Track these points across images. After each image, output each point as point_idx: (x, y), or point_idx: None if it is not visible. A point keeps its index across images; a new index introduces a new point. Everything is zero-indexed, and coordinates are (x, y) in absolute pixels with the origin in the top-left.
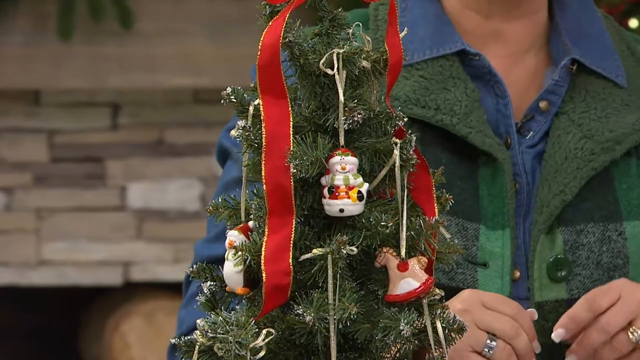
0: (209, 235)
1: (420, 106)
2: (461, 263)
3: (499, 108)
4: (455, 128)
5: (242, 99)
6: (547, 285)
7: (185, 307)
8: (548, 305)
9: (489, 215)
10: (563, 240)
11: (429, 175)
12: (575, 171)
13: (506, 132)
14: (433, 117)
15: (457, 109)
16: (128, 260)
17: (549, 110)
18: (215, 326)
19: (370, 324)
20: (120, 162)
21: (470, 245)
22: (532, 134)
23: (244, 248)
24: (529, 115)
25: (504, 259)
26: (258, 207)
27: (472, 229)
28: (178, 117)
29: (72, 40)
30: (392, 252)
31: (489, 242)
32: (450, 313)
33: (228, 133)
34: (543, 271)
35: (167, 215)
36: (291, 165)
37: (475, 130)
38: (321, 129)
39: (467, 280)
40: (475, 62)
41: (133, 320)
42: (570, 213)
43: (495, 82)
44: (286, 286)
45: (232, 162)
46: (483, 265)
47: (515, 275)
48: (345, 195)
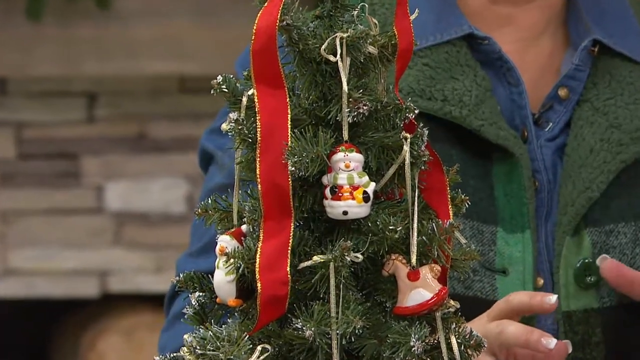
0: (191, 248)
1: (426, 98)
2: (478, 270)
3: (512, 98)
4: (466, 121)
5: (235, 88)
6: (575, 293)
7: (167, 330)
8: (576, 316)
9: (506, 216)
10: (591, 242)
11: (442, 174)
12: (602, 165)
13: (522, 124)
14: (440, 110)
15: (466, 99)
16: (105, 269)
17: (569, 98)
18: (204, 342)
19: (377, 339)
20: (96, 158)
21: (487, 251)
22: (552, 125)
23: (236, 255)
24: (547, 104)
25: (525, 265)
26: (252, 209)
27: (488, 233)
28: (162, 108)
29: (42, 22)
30: (401, 260)
31: (508, 246)
32: (466, 327)
33: (211, 135)
34: (570, 277)
35: (150, 219)
36: (289, 162)
37: (488, 122)
38: (322, 122)
39: (486, 289)
40: (485, 47)
41: (111, 337)
42: (598, 212)
43: (507, 69)
44: (283, 297)
45: (216, 167)
46: (502, 272)
47: (538, 283)
48: (349, 196)
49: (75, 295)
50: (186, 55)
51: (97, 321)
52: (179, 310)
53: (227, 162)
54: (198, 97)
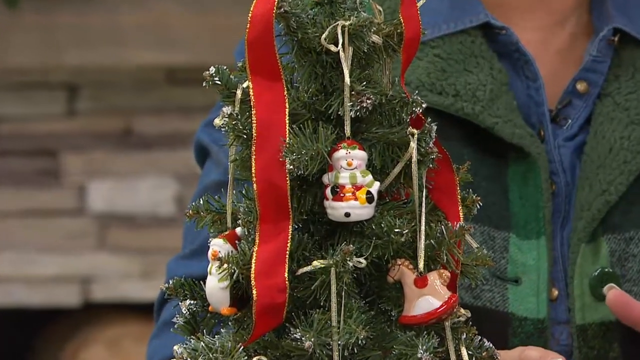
0: (184, 250)
1: (436, 92)
2: (488, 279)
3: (529, 93)
4: (479, 118)
5: (228, 81)
6: (591, 305)
7: (156, 337)
8: (592, 329)
9: (520, 222)
10: (609, 250)
11: (452, 173)
12: (621, 165)
13: (539, 122)
14: (452, 106)
15: (480, 94)
16: (88, 275)
17: (589, 92)
18: (195, 353)
19: (382, 350)
20: (78, 156)
21: (498, 258)
22: (570, 122)
23: (230, 260)
24: (565, 100)
25: (539, 274)
26: (247, 210)
27: (500, 239)
28: (149, 102)
29: (19, 8)
30: (408, 265)
31: (521, 253)
32: (477, 338)
33: (207, 128)
34: (585, 288)
35: (136, 221)
36: (287, 160)
37: (503, 119)
38: (323, 117)
39: (496, 299)
40: (502, 38)
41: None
42: (616, 217)
43: (525, 62)
44: (281, 305)
45: (212, 163)
46: (514, 281)
47: (553, 294)
48: (351, 197)
49: (55, 304)
50: (175, 44)
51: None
52: (169, 316)
53: (223, 159)
54: (188, 90)
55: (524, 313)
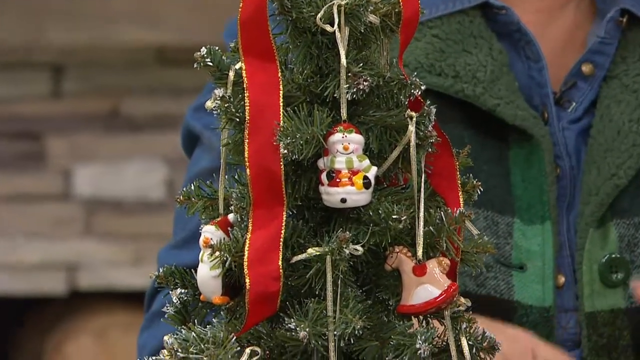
0: (174, 239)
1: (435, 73)
2: (492, 266)
3: (531, 74)
4: (480, 99)
5: (221, 62)
6: (600, 292)
7: (147, 328)
8: (602, 317)
9: (523, 206)
10: (618, 235)
11: (451, 157)
12: (630, 149)
13: (542, 104)
14: (451, 87)
15: (480, 75)
16: (74, 262)
17: (594, 75)
18: (186, 344)
19: (379, 341)
20: (63, 138)
21: (502, 244)
22: (575, 105)
23: (222, 247)
24: (569, 82)
25: (544, 260)
26: (240, 196)
27: (503, 224)
28: (138, 82)
29: None
30: (406, 252)
31: (526, 239)
32: (478, 328)
33: (197, 113)
34: (594, 274)
35: (124, 206)
36: (281, 144)
37: (505, 101)
38: (318, 99)
39: (501, 287)
40: (502, 18)
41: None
42: (625, 201)
43: (526, 42)
44: (275, 294)
45: (202, 149)
46: (519, 267)
47: (560, 281)
48: (348, 182)
49: (39, 292)
50: (166, 22)
51: (64, 321)
52: (160, 306)
53: (216, 144)
54: (178, 70)
55: (529, 301)
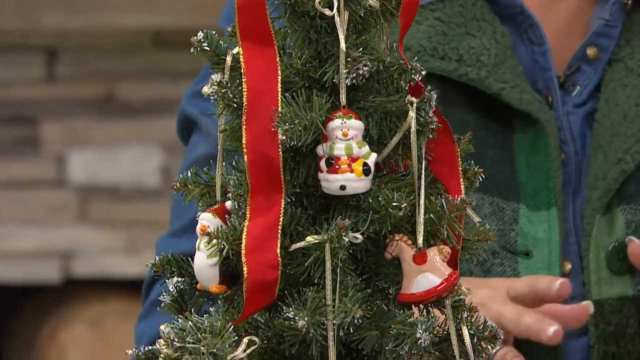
0: (172, 227)
1: (439, 57)
2: (498, 252)
3: (535, 58)
4: (484, 83)
5: (218, 46)
6: (607, 279)
7: (144, 318)
8: (609, 304)
9: (529, 192)
10: (625, 221)
11: (453, 143)
12: (637, 133)
13: (546, 88)
14: (456, 71)
15: (485, 59)
16: (68, 250)
17: (599, 58)
18: (183, 333)
19: (379, 330)
20: (58, 123)
21: (508, 230)
22: (579, 89)
23: (219, 235)
24: (573, 66)
25: (550, 246)
26: (237, 183)
27: (509, 210)
28: (133, 66)
29: None
30: (406, 240)
31: (532, 225)
32: (480, 317)
33: (194, 99)
34: (601, 261)
35: (119, 193)
36: (279, 130)
37: (510, 85)
38: (317, 84)
39: (507, 274)
40: (504, 0)
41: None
42: (633, 187)
43: (529, 25)
44: (273, 283)
45: (200, 136)
46: (525, 254)
47: (566, 268)
48: (347, 169)
49: (34, 280)
50: (161, 5)
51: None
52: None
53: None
54: (175, 54)
55: None
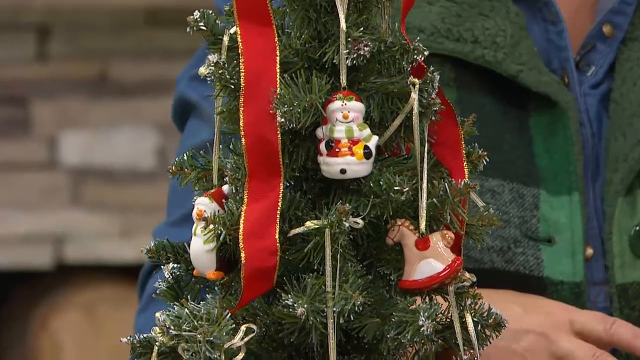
0: (172, 216)
1: (454, 39)
2: (520, 241)
3: (550, 37)
4: (502, 66)
5: (214, 26)
6: (631, 263)
7: (144, 311)
8: (633, 289)
9: (549, 176)
10: None
11: (456, 126)
12: None
13: (562, 68)
14: (472, 53)
15: (500, 40)
16: (61, 234)
17: (614, 36)
18: (179, 321)
19: (380, 317)
20: (49, 104)
21: (529, 217)
22: (594, 69)
23: (216, 220)
24: (588, 44)
25: (573, 232)
26: (235, 166)
27: (529, 196)
28: (127, 45)
29: None
30: (408, 226)
31: (553, 211)
32: (484, 304)
33: (192, 82)
34: (624, 245)
35: (113, 176)
36: (278, 112)
37: (527, 66)
38: (317, 65)
39: (530, 262)
40: None
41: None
42: None
43: (544, 4)
44: (271, 269)
45: (200, 121)
46: (547, 241)
47: (588, 253)
48: (348, 152)
49: (25, 265)
50: None
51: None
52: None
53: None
54: (169, 32)
55: (559, 276)
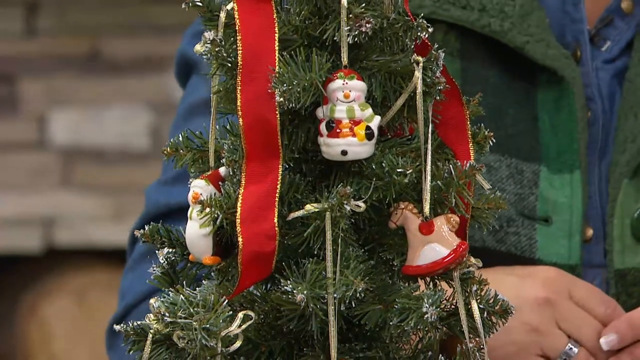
0: (166, 175)
1: (460, 6)
2: (514, 219)
3: (566, 9)
4: (507, 36)
5: (211, 1)
6: (631, 248)
7: (131, 270)
8: (632, 275)
9: (552, 153)
10: None
11: (461, 105)
12: None
13: (575, 41)
14: (477, 22)
15: (509, 10)
16: (50, 216)
17: (633, 13)
18: (174, 308)
19: (382, 304)
20: (38, 81)
21: (527, 194)
22: (610, 44)
23: (213, 203)
24: (606, 18)
25: (572, 212)
26: (232, 148)
27: (529, 172)
28: (119, 20)
29: None
30: (412, 209)
31: (553, 189)
32: (490, 290)
33: (194, 40)
34: (626, 228)
35: (105, 156)
36: (276, 91)
37: (535, 38)
38: (317, 43)
39: (522, 243)
40: None
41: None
42: None
43: None
44: (270, 254)
45: (200, 78)
46: (544, 220)
47: (588, 234)
48: (349, 133)
49: (13, 249)
50: None
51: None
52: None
53: None
54: (163, 7)
55: (553, 258)
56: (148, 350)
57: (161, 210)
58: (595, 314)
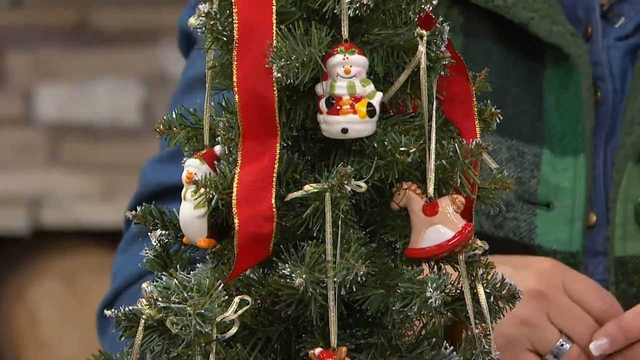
0: (161, 152)
1: None
2: (513, 204)
3: None
4: (511, 11)
5: None
6: (634, 234)
7: (122, 252)
8: (633, 263)
9: (556, 135)
10: None
11: (467, 81)
12: None
13: (586, 16)
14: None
15: None
16: (38, 196)
17: None
18: (168, 292)
19: (384, 288)
20: (24, 54)
21: (528, 177)
22: (624, 21)
23: (208, 183)
24: None
25: (575, 198)
26: (228, 125)
27: (530, 155)
28: None
29: None
30: (415, 189)
31: (555, 173)
32: (497, 274)
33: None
34: (629, 214)
35: (94, 132)
36: (274, 67)
37: (540, 14)
38: (316, 15)
39: (521, 229)
40: None
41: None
42: None
43: None
44: (267, 236)
45: (199, 51)
46: (545, 205)
47: (591, 220)
48: (350, 110)
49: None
50: None
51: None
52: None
53: None
54: None
55: (553, 245)
56: (140, 337)
57: (154, 189)
58: (590, 309)
